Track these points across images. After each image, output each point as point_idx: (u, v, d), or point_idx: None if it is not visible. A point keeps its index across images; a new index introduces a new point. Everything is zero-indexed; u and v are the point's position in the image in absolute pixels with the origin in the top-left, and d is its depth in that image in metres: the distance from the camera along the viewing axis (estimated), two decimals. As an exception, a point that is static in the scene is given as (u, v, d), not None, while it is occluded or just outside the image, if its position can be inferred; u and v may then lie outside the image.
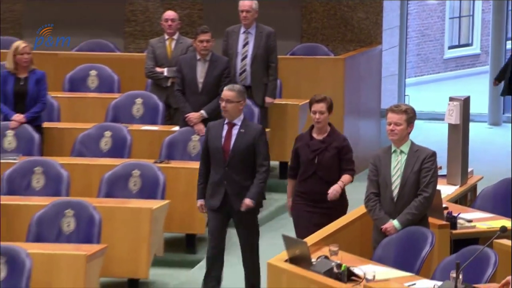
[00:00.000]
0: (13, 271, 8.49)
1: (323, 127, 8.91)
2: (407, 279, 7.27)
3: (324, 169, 8.82)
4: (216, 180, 9.05)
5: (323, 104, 8.83)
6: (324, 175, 8.83)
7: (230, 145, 9.01)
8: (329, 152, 8.82)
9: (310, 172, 8.87)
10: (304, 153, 8.91)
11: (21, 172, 10.12)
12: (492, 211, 9.00)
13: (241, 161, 9.03)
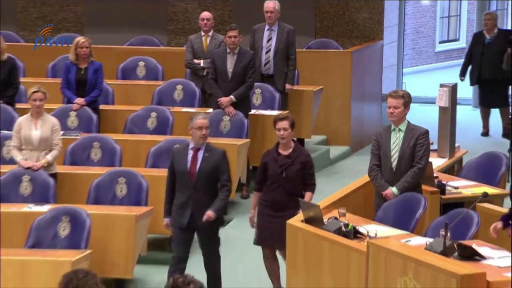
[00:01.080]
0: (75, 229, 8.57)
1: (287, 143, 8.29)
2: (403, 237, 7.30)
3: (290, 182, 8.22)
4: (183, 201, 8.28)
5: (286, 122, 8.26)
6: (290, 187, 8.22)
7: (196, 168, 8.26)
8: (295, 167, 8.26)
9: (278, 184, 8.24)
10: (272, 167, 8.29)
11: (82, 146, 10.18)
12: (475, 179, 9.01)
13: (206, 182, 8.26)
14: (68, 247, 8.44)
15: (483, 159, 9.47)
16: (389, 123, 8.34)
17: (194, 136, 8.27)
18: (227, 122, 10.90)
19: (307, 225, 7.58)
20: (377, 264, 6.75)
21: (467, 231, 7.38)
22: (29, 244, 8.50)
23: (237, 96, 10.96)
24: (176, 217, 8.38)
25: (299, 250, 7.61)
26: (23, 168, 9.34)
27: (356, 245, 7.12)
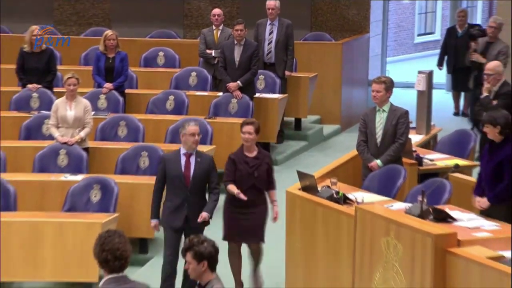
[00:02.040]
0: (105, 195, 8.60)
1: (251, 146, 7.76)
2: (386, 202, 7.32)
3: (261, 181, 7.72)
4: (177, 203, 7.60)
5: (251, 127, 7.73)
6: (260, 185, 7.72)
7: (190, 173, 7.62)
8: (263, 167, 7.73)
9: (249, 184, 7.66)
10: (244, 168, 7.67)
11: (110, 124, 10.20)
12: (448, 153, 9.01)
13: (199, 186, 7.66)
14: (99, 211, 8.47)
15: (455, 136, 9.48)
16: (374, 105, 8.35)
17: (187, 142, 7.63)
18: (235, 104, 10.91)
19: (303, 192, 7.60)
20: (364, 226, 6.78)
21: (441, 197, 7.40)
22: (66, 208, 8.55)
23: (243, 81, 10.97)
24: (170, 219, 7.71)
25: (296, 215, 7.63)
26: (60, 143, 9.37)
27: (345, 210, 7.15)
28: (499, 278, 5.92)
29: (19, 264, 8.14)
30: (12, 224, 8.19)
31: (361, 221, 6.80)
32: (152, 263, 8.75)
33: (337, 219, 7.17)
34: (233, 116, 10.81)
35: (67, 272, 8.12)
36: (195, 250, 5.07)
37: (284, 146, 11.80)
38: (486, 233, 6.50)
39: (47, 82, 10.86)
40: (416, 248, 6.32)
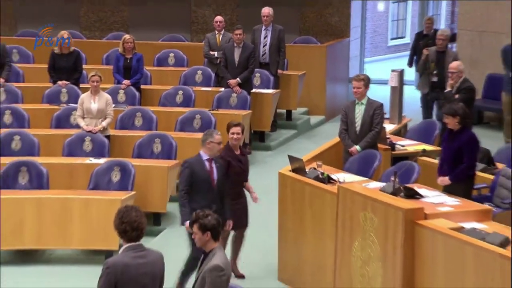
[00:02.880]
0: (124, 176, 8.61)
1: (237, 145, 7.46)
2: (364, 182, 7.31)
3: (247, 175, 7.56)
4: (204, 204, 6.73)
5: (239, 128, 7.45)
6: (246, 179, 7.54)
7: (214, 176, 7.12)
8: (248, 162, 7.60)
9: (240, 178, 7.47)
10: (237, 165, 7.39)
11: (128, 115, 10.17)
12: (417, 140, 9.00)
13: (221, 187, 7.18)
14: (119, 189, 8.49)
15: (422, 125, 9.50)
16: (354, 98, 8.35)
17: (213, 149, 7.08)
18: (235, 98, 10.90)
19: (293, 173, 7.60)
20: (345, 202, 6.79)
21: (410, 177, 7.41)
22: (90, 187, 8.57)
23: (242, 78, 10.95)
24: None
25: (287, 193, 7.61)
26: (86, 131, 9.37)
27: (329, 188, 7.15)
28: (459, 246, 5.95)
29: (51, 235, 8.16)
30: (45, 200, 8.22)
31: (342, 198, 6.82)
32: (164, 233, 8.76)
33: (322, 196, 7.18)
34: (233, 108, 10.80)
35: (92, 241, 8.15)
36: (200, 223, 5.08)
37: (277, 134, 11.81)
38: (448, 207, 6.52)
39: (74, 79, 10.85)
40: (389, 220, 6.34)
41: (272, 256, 7.73)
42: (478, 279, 5.82)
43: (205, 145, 7.07)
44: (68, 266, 8.15)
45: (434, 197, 6.73)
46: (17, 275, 7.85)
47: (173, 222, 9.01)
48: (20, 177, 8.55)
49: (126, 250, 4.79)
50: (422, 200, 6.61)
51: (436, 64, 10.67)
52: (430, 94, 10.79)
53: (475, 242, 5.87)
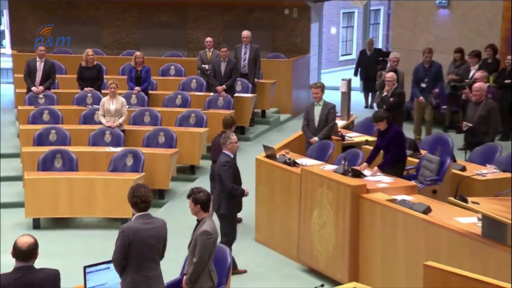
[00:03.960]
0: (136, 161, 8.54)
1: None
2: (321, 165, 7.30)
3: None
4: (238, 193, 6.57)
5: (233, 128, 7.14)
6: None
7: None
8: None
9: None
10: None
11: (139, 114, 10.05)
12: (361, 132, 8.99)
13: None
14: (132, 171, 8.42)
15: (365, 121, 9.46)
16: (313, 101, 8.32)
17: (233, 148, 6.58)
18: (221, 100, 10.83)
19: (267, 159, 7.57)
20: (307, 180, 6.79)
21: (356, 161, 7.43)
22: (110, 169, 8.49)
23: (227, 85, 10.87)
24: (238, 206, 6.70)
25: (262, 175, 7.56)
26: (106, 126, 9.28)
27: (295, 170, 7.13)
28: (393, 213, 5.98)
29: (80, 206, 8.10)
30: (75, 180, 8.15)
31: (304, 177, 6.81)
32: (167, 206, 8.71)
33: (289, 176, 7.17)
34: (221, 108, 10.70)
35: (111, 211, 8.09)
36: (193, 197, 5.06)
37: (254, 128, 11.76)
38: (385, 184, 6.55)
39: (97, 86, 10.71)
40: (340, 194, 6.35)
41: (250, 222, 7.72)
42: (406, 238, 5.86)
43: (226, 146, 6.56)
44: (93, 230, 8.11)
45: (374, 176, 6.76)
46: (54, 237, 7.79)
47: (174, 197, 8.97)
48: (55, 162, 8.47)
49: (137, 218, 4.76)
50: (365, 179, 6.63)
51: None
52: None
53: (405, 210, 5.91)
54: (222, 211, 6.56)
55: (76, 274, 5.17)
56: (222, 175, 6.49)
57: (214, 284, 5.02)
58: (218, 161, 6.60)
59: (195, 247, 4.96)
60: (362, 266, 6.23)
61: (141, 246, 4.66)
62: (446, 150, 7.72)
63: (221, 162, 6.53)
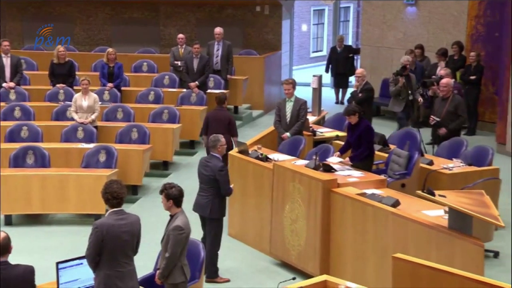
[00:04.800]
0: (109, 157, 8.43)
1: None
2: (293, 160, 7.31)
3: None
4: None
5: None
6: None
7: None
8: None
9: None
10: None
11: (111, 110, 9.93)
12: (332, 128, 9.03)
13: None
14: (105, 167, 8.33)
15: (336, 116, 9.51)
16: (285, 97, 8.33)
17: (223, 150, 6.46)
18: (194, 96, 10.78)
19: (240, 154, 7.56)
20: (279, 175, 6.80)
21: (327, 156, 7.46)
22: (83, 166, 8.39)
23: (199, 82, 10.82)
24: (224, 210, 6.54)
25: (235, 169, 7.51)
26: (78, 123, 9.17)
27: (267, 165, 7.13)
28: (363, 207, 6.03)
29: (52, 202, 7.99)
30: (47, 176, 8.04)
31: (276, 172, 6.82)
32: (140, 201, 8.65)
33: (261, 171, 7.17)
34: (193, 105, 10.65)
35: (84, 206, 7.99)
36: (165, 192, 5.04)
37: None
38: (355, 178, 6.59)
39: (69, 83, 10.58)
40: (311, 189, 6.37)
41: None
42: (376, 231, 5.91)
43: (216, 149, 6.39)
44: (66, 226, 8.00)
45: (344, 171, 6.80)
46: (26, 234, 7.67)
47: (147, 192, 8.91)
48: (27, 158, 8.34)
49: (110, 214, 4.72)
50: (336, 173, 6.67)
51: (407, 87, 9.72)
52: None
53: (374, 203, 5.96)
54: (215, 215, 6.39)
55: (48, 270, 5.11)
56: (220, 180, 6.30)
57: (187, 279, 5.01)
58: (212, 164, 6.32)
59: (167, 242, 4.94)
60: (333, 259, 6.27)
61: (115, 242, 4.62)
62: (414, 144, 7.80)
63: (216, 166, 6.30)
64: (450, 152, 7.77)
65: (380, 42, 12.80)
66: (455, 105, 8.17)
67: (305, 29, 22.08)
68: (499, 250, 6.82)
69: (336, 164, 6.95)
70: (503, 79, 10.37)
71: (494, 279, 4.50)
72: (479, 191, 5.80)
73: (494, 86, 11.20)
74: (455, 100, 8.23)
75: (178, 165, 9.71)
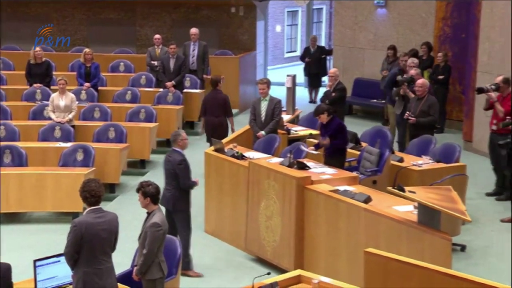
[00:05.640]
0: (86, 156, 8.36)
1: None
2: (268, 158, 7.33)
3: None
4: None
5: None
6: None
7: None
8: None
9: None
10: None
11: (89, 110, 9.86)
12: (306, 126, 9.06)
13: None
14: (82, 166, 8.26)
15: (309, 115, 9.51)
16: (260, 96, 8.34)
17: (184, 144, 6.41)
18: (171, 96, 10.74)
19: (216, 153, 7.54)
20: (254, 172, 6.81)
21: (301, 154, 7.49)
22: (60, 164, 8.30)
23: (176, 81, 10.79)
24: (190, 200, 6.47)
25: (211, 167, 7.54)
26: (56, 122, 9.07)
27: (242, 163, 7.13)
28: (336, 203, 6.07)
29: (30, 201, 7.90)
30: (25, 175, 7.94)
31: (252, 170, 6.83)
32: (118, 199, 8.59)
33: (237, 169, 7.17)
34: (170, 104, 10.62)
35: (62, 205, 7.91)
36: (142, 190, 5.02)
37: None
38: (328, 175, 6.63)
39: (46, 82, 10.50)
40: (286, 186, 6.40)
41: (200, 214, 7.70)
42: (348, 226, 5.96)
43: (177, 143, 6.37)
44: (44, 225, 7.91)
45: (318, 168, 6.84)
46: (3, 232, 7.56)
47: (124, 190, 8.85)
48: (4, 158, 8.22)
49: (88, 212, 4.68)
50: (309, 171, 6.70)
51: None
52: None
53: (347, 200, 6.00)
54: (179, 207, 6.35)
55: (26, 268, 5.05)
56: (179, 174, 6.29)
57: (164, 275, 5.00)
58: (172, 159, 6.36)
59: (145, 239, 4.92)
60: (307, 254, 6.31)
61: (93, 240, 4.59)
62: (385, 142, 7.88)
63: (176, 160, 6.30)
64: (419, 149, 7.87)
65: (352, 43, 12.89)
66: (429, 105, 8.27)
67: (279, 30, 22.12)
68: (466, 244, 6.92)
69: (310, 162, 6.99)
70: (469, 79, 10.53)
71: (461, 272, 4.57)
72: (447, 187, 5.88)
73: (461, 85, 11.37)
74: (429, 100, 8.33)
75: (155, 164, 9.66)
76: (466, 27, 11.03)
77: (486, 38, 9.95)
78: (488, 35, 9.91)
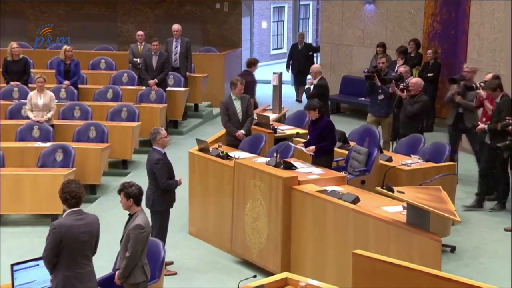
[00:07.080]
0: (66, 156, 8.30)
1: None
2: (254, 157, 7.32)
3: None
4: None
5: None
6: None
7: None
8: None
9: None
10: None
11: (68, 108, 9.81)
12: (292, 125, 9.05)
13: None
14: (62, 166, 8.20)
15: (296, 113, 9.56)
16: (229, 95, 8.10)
17: (164, 142, 6.40)
18: (153, 94, 10.71)
19: (200, 152, 7.52)
20: (239, 173, 6.80)
21: (288, 153, 7.49)
22: (39, 165, 8.25)
23: (159, 79, 10.76)
24: (173, 199, 6.54)
25: (195, 168, 7.52)
26: (34, 121, 9.01)
27: (228, 163, 7.12)
28: (323, 203, 6.08)
29: (7, 202, 7.82)
30: (2, 176, 7.85)
31: (237, 170, 6.82)
32: (99, 201, 8.55)
33: (222, 169, 7.16)
34: (153, 102, 10.58)
35: (40, 207, 7.86)
36: (125, 191, 5.00)
37: (187, 122, 11.72)
38: (315, 175, 6.64)
39: (24, 80, 10.41)
40: (272, 186, 6.40)
41: (184, 216, 7.68)
42: (336, 227, 5.97)
43: (156, 141, 6.35)
44: (22, 227, 7.85)
45: (304, 168, 6.85)
46: (-21, 236, 7.49)
47: (106, 191, 8.81)
48: (-20, 158, 8.15)
49: (68, 214, 4.65)
50: (296, 171, 6.70)
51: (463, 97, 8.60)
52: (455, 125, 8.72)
53: (334, 200, 6.02)
54: (157, 207, 6.40)
55: (3, 273, 5.01)
56: (156, 173, 6.32)
57: (147, 278, 4.98)
58: (150, 158, 6.36)
59: (127, 241, 4.90)
60: (294, 256, 6.32)
61: (73, 243, 4.56)
62: (373, 141, 7.92)
63: (153, 159, 6.32)
64: (408, 148, 7.91)
65: (340, 40, 12.93)
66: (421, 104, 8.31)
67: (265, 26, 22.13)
68: (456, 244, 6.97)
69: (297, 161, 7.00)
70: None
71: (451, 273, 4.60)
72: (437, 187, 5.92)
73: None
74: (421, 100, 8.36)
75: (138, 164, 9.62)
76: (456, 24, 11.11)
77: (476, 34, 10.02)
78: (478, 31, 9.99)
